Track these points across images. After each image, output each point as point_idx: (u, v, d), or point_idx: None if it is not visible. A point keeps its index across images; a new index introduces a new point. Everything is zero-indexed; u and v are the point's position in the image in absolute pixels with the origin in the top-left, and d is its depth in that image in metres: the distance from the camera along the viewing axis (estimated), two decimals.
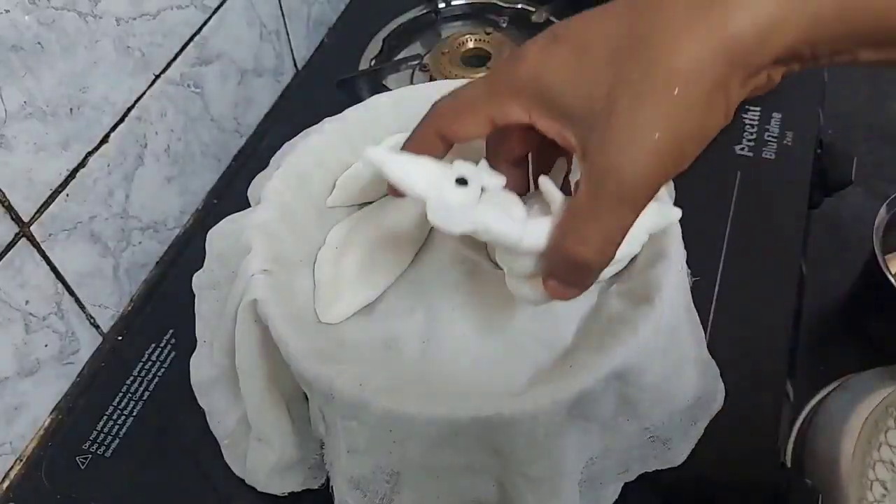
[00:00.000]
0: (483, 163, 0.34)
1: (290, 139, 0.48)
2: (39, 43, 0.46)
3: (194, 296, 0.44)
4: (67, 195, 0.50)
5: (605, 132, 0.26)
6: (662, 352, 0.35)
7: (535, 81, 0.29)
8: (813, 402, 0.56)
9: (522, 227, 0.32)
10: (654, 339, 0.35)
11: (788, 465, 0.52)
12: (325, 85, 0.68)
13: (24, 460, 0.51)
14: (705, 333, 0.46)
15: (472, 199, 0.32)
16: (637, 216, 0.28)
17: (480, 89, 0.32)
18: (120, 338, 0.56)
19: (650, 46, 0.25)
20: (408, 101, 0.47)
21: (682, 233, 0.40)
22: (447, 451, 0.34)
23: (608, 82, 0.26)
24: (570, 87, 0.27)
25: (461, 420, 0.33)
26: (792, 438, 0.54)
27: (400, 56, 0.72)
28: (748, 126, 0.66)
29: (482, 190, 0.33)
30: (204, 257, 0.44)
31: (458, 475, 0.35)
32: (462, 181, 0.32)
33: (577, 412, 0.34)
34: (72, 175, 0.50)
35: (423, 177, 0.32)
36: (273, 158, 0.47)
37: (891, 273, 0.60)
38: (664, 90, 0.24)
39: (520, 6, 0.74)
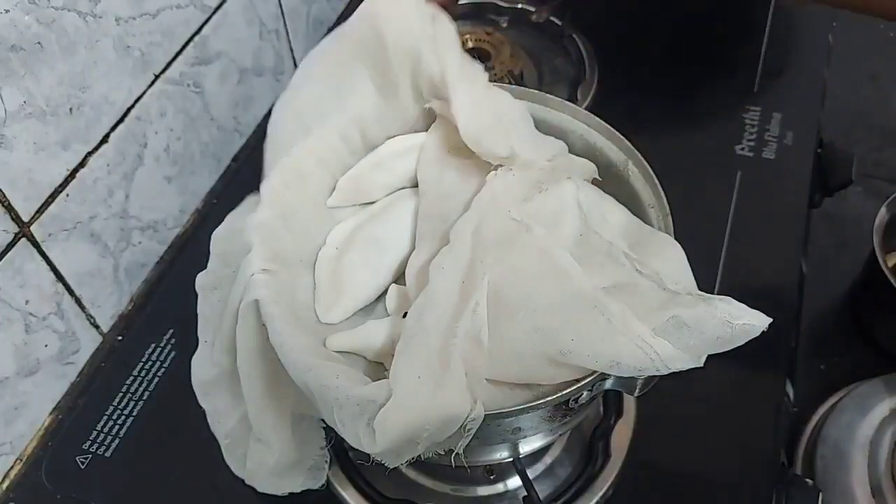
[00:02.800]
0: None
1: None
2: (39, 43, 0.45)
3: (195, 296, 0.44)
4: (67, 195, 0.50)
5: None
6: None
7: None
8: (821, 410, 0.56)
9: None
10: None
11: (798, 472, 0.52)
12: None
13: (24, 460, 0.51)
14: None
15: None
16: None
17: None
18: (120, 338, 0.56)
19: None
20: None
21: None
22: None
23: None
24: None
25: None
26: (802, 447, 0.54)
27: None
28: (748, 126, 0.66)
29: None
30: (204, 257, 0.44)
31: None
32: None
33: None
34: (72, 175, 0.50)
35: None
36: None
37: (891, 273, 0.60)
38: None
39: (520, 6, 0.74)
